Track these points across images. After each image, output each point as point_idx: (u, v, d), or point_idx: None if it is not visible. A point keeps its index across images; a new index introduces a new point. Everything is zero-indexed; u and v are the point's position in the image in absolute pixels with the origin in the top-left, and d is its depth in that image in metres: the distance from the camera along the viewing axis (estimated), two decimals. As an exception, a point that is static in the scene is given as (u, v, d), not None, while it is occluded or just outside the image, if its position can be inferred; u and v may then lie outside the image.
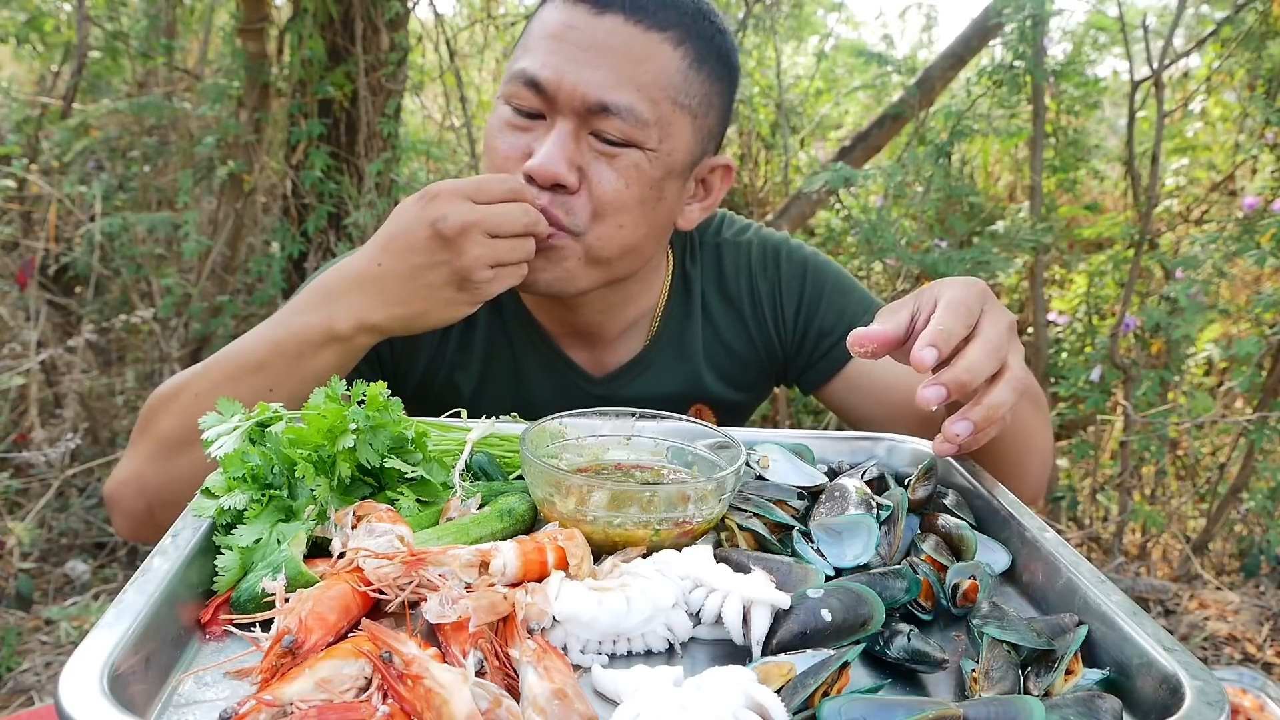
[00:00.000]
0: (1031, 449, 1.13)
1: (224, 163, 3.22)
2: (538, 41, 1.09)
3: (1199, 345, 3.19)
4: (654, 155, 1.09)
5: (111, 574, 2.85)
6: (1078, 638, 0.69)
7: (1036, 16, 2.74)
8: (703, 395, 1.34)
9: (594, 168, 1.08)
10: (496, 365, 1.30)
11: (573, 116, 1.06)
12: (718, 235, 1.36)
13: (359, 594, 0.66)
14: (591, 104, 1.05)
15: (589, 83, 1.05)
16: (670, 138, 1.10)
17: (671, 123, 1.09)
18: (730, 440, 0.89)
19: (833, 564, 0.79)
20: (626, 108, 1.05)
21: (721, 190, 1.23)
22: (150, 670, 0.61)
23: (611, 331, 1.30)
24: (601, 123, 1.06)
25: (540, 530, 0.80)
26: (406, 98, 3.68)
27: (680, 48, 1.08)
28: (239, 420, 0.83)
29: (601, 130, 1.07)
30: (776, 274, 1.34)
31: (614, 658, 0.68)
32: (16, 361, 2.84)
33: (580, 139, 1.07)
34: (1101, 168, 3.61)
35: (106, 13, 3.50)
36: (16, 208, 3.25)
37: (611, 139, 1.07)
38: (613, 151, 1.08)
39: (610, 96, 1.05)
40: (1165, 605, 2.78)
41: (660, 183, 1.11)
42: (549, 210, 1.07)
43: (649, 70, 1.06)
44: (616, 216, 1.10)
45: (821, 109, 4.64)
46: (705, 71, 1.11)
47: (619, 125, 1.06)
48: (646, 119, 1.07)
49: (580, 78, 1.05)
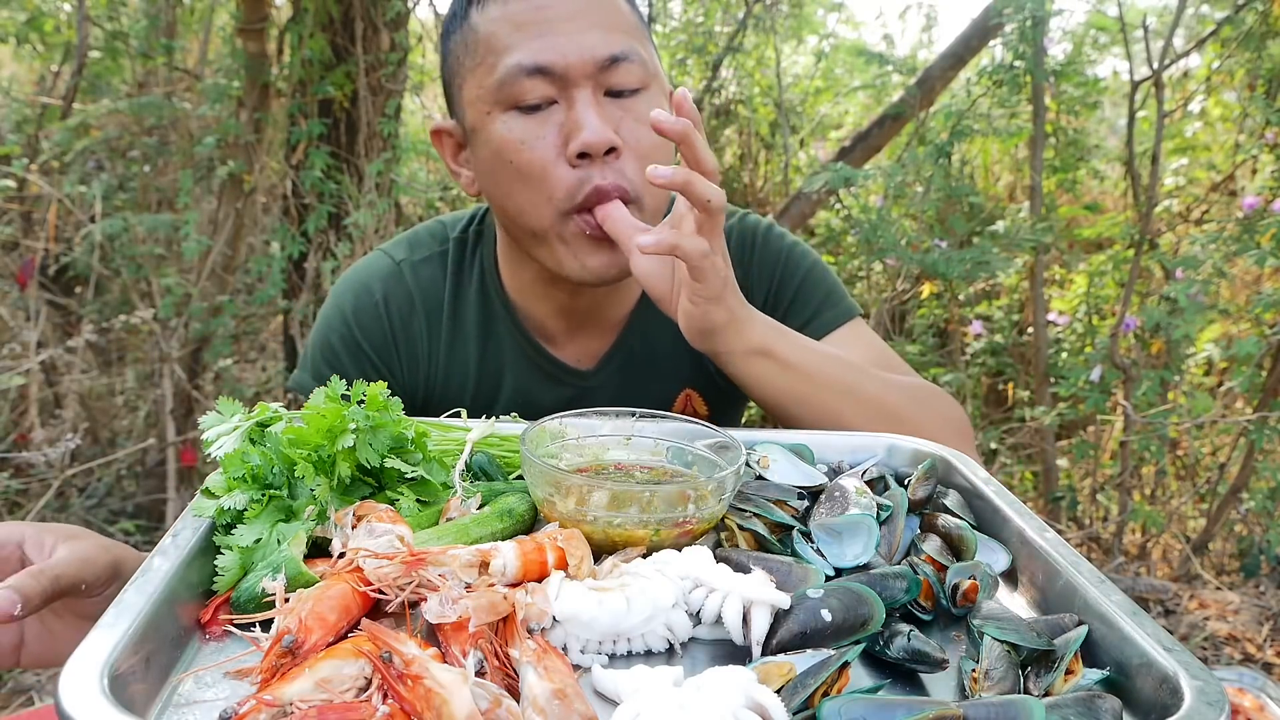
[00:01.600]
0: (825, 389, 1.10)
1: (224, 163, 3.22)
2: (509, 37, 1.08)
3: (1199, 345, 3.19)
4: (657, 92, 1.14)
5: (111, 574, 2.85)
6: (1078, 638, 0.69)
7: (1036, 16, 2.74)
8: (690, 380, 1.33)
9: (625, 126, 1.10)
10: (489, 364, 1.30)
11: (588, 83, 1.08)
12: None
13: (359, 594, 0.66)
14: (602, 61, 1.07)
15: (590, 44, 1.07)
16: (658, 72, 1.16)
17: (650, 52, 1.15)
18: (730, 440, 0.88)
19: (833, 564, 0.79)
20: (631, 51, 1.09)
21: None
22: (150, 670, 0.61)
23: (610, 318, 1.30)
24: (614, 77, 1.09)
25: (540, 530, 0.80)
26: (407, 98, 3.68)
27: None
28: (239, 420, 0.83)
29: (616, 85, 1.09)
30: (751, 256, 1.33)
31: (614, 658, 0.68)
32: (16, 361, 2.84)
33: (602, 104, 1.09)
34: (1101, 168, 3.62)
35: (106, 13, 3.50)
36: (16, 208, 3.26)
37: (625, 89, 1.10)
38: (630, 103, 1.10)
39: (614, 48, 1.08)
40: (1165, 605, 2.78)
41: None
42: (617, 186, 1.08)
43: (617, 15, 1.11)
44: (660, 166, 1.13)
45: (821, 109, 4.64)
46: (631, 5, 1.16)
47: (630, 70, 1.09)
48: (646, 59, 1.11)
49: (580, 44, 1.07)
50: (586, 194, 1.08)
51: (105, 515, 3.00)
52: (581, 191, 1.08)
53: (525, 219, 1.13)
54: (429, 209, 4.03)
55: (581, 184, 1.08)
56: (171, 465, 3.08)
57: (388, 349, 1.28)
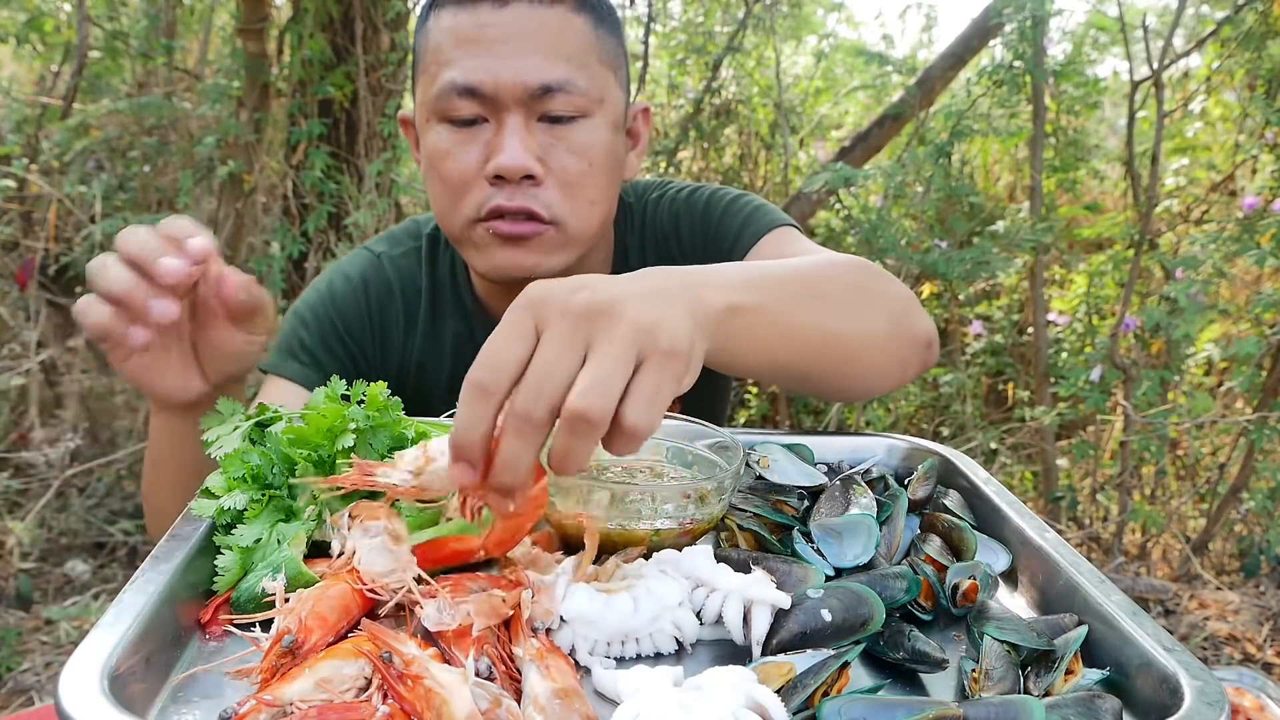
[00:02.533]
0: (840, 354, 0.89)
1: (224, 163, 3.22)
2: (453, 51, 1.09)
3: (1199, 345, 3.19)
4: (600, 121, 1.12)
5: (111, 574, 2.85)
6: (1078, 638, 0.69)
7: (1036, 16, 2.74)
8: None
9: (553, 154, 1.10)
10: (464, 357, 1.30)
11: (519, 109, 1.08)
12: (643, 199, 1.35)
13: (359, 594, 0.66)
14: (534, 89, 1.07)
15: (524, 70, 1.06)
16: (606, 99, 1.13)
17: (603, 83, 1.13)
18: (730, 440, 0.88)
19: (833, 564, 0.79)
20: (567, 81, 1.08)
21: (646, 133, 1.26)
22: (150, 670, 0.61)
23: None
24: (547, 104, 1.08)
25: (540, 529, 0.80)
26: (406, 98, 3.68)
27: (581, 14, 1.11)
28: (239, 420, 0.83)
29: (549, 111, 1.09)
30: (687, 221, 1.30)
31: (622, 660, 0.68)
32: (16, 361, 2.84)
33: (532, 129, 1.09)
34: (1101, 168, 3.62)
35: (106, 13, 3.50)
36: (16, 208, 3.26)
37: (561, 115, 1.09)
38: (565, 131, 1.10)
39: (548, 77, 1.07)
40: (1165, 605, 2.78)
41: (611, 145, 1.15)
42: (525, 206, 1.09)
43: (568, 42, 1.09)
44: (586, 192, 1.13)
45: (821, 109, 4.64)
46: (604, 27, 1.14)
47: (565, 100, 1.08)
48: (585, 88, 1.09)
49: (514, 69, 1.06)
50: (488, 209, 1.10)
51: (105, 515, 3.00)
52: (486, 206, 1.11)
53: (444, 221, 1.18)
54: (429, 209, 4.02)
55: (489, 199, 1.11)
56: (172, 465, 3.07)
57: (363, 330, 1.28)
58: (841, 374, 0.91)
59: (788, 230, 1.24)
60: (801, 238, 1.24)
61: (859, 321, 0.90)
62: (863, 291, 0.93)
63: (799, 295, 0.84)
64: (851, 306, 0.90)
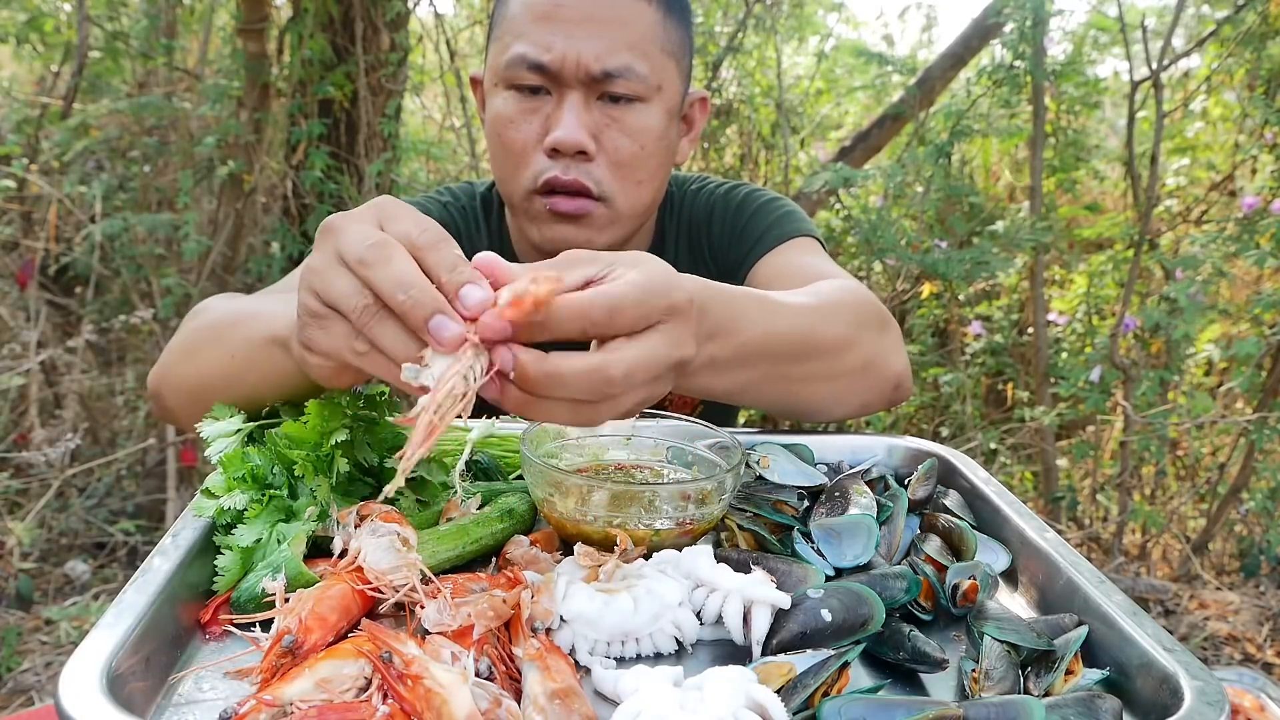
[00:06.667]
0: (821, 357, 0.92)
1: (224, 163, 3.22)
2: (526, 25, 1.15)
3: (1199, 345, 3.19)
4: (657, 106, 1.18)
5: (111, 574, 2.85)
6: (1078, 638, 0.69)
7: (1036, 16, 2.74)
8: None
9: (607, 133, 1.16)
10: None
11: (579, 88, 1.14)
12: (684, 188, 1.41)
13: (359, 594, 0.66)
14: (596, 74, 1.13)
15: (590, 54, 1.13)
16: (665, 86, 1.19)
17: (664, 72, 1.18)
18: (730, 440, 0.88)
19: (833, 564, 0.79)
20: (628, 69, 1.14)
21: (701, 121, 1.32)
22: (150, 670, 0.61)
23: None
24: (607, 87, 1.14)
25: (538, 530, 0.79)
26: (407, 98, 3.68)
27: (652, 3, 1.17)
28: (238, 421, 0.83)
29: (609, 92, 1.15)
30: (720, 216, 1.36)
31: (622, 660, 0.68)
32: (16, 361, 2.84)
33: (590, 107, 1.15)
34: (1101, 168, 3.62)
35: (106, 13, 3.50)
36: (16, 208, 3.26)
37: (618, 96, 1.15)
38: (620, 112, 1.16)
39: (612, 63, 1.13)
40: (1165, 605, 2.78)
41: (664, 131, 1.20)
42: (578, 180, 1.15)
43: (635, 30, 1.15)
44: (635, 173, 1.18)
45: (821, 109, 4.64)
46: (674, 18, 1.20)
47: (624, 84, 1.14)
48: (645, 75, 1.15)
49: (581, 51, 1.12)
50: (544, 181, 1.16)
51: (105, 515, 3.00)
52: (542, 177, 1.17)
53: (505, 187, 1.24)
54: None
55: (545, 171, 1.17)
56: (171, 465, 3.07)
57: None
58: (794, 411, 0.98)
59: (806, 241, 1.30)
60: (817, 250, 1.30)
61: (831, 373, 0.94)
62: (847, 346, 0.95)
63: (785, 358, 0.86)
64: (830, 360, 0.93)
